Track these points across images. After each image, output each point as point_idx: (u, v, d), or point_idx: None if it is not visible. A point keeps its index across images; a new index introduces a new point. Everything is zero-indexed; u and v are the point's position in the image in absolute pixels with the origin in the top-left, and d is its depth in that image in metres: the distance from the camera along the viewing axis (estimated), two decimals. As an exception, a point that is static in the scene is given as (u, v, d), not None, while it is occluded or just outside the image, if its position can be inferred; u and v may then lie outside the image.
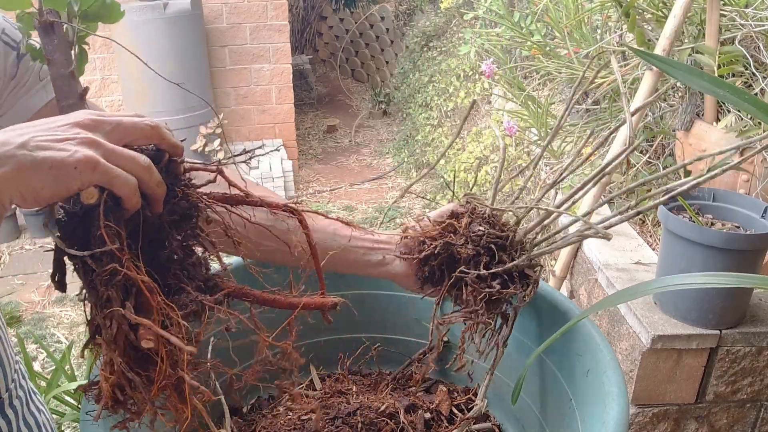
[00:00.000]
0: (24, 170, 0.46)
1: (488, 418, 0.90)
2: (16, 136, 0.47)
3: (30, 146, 0.47)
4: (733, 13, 1.55)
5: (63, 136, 0.48)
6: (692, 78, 0.64)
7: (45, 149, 0.47)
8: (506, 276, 0.75)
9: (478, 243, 0.75)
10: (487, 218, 0.77)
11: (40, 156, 0.46)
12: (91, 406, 0.69)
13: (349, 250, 0.77)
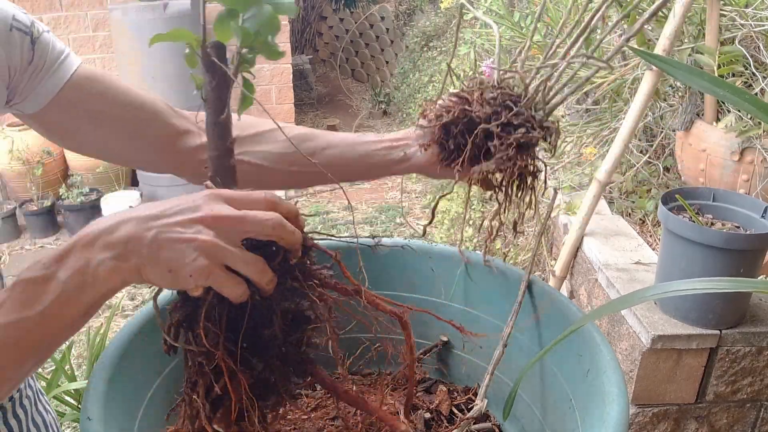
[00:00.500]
0: (146, 266, 0.51)
1: (488, 418, 0.90)
2: (145, 230, 0.52)
3: (156, 244, 0.51)
4: (733, 13, 1.55)
5: (185, 235, 0.51)
6: (692, 78, 0.64)
7: (167, 249, 0.51)
8: (528, 125, 0.76)
9: (494, 103, 0.76)
10: (497, 85, 0.78)
11: (162, 257, 0.51)
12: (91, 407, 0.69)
13: (370, 155, 0.78)
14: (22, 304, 0.50)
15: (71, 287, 0.51)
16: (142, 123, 0.77)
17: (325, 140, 0.78)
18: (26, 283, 0.51)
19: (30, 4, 4.04)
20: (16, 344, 0.50)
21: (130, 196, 3.86)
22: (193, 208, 0.53)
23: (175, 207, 0.54)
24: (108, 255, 0.51)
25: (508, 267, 0.94)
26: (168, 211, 0.54)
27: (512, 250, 2.37)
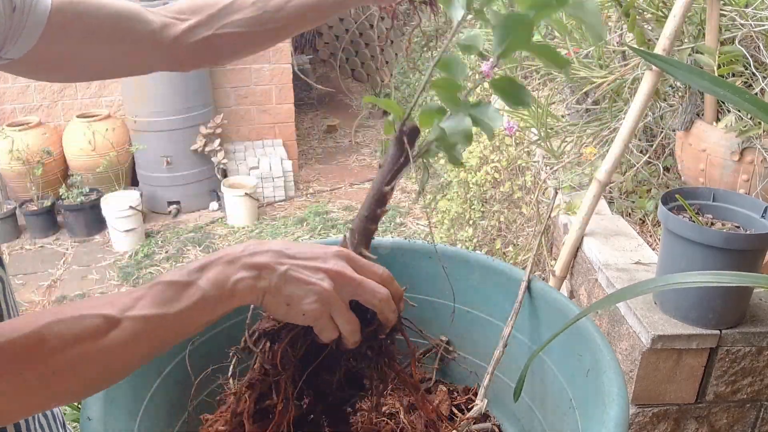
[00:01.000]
0: (270, 294, 0.58)
1: (488, 418, 0.90)
2: (279, 263, 0.58)
3: (284, 278, 0.58)
4: (733, 13, 1.55)
5: (310, 279, 0.58)
6: (693, 77, 0.64)
7: (293, 285, 0.58)
8: None
9: None
10: None
11: (286, 290, 0.58)
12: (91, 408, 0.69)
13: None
14: (163, 302, 0.55)
15: (210, 295, 0.56)
16: (126, 28, 0.81)
17: None
18: (167, 284, 0.56)
19: (30, 4, 4.04)
20: (148, 337, 0.55)
21: (130, 196, 3.86)
22: (323, 259, 0.60)
23: (308, 252, 0.60)
24: (247, 275, 0.57)
25: (508, 267, 0.94)
26: (301, 254, 0.60)
27: (512, 249, 2.38)
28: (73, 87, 4.31)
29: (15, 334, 0.50)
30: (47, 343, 0.50)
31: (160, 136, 4.09)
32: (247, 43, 0.86)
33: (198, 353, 0.82)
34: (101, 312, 0.53)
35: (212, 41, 0.84)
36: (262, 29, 0.84)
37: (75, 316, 0.52)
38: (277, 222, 4.10)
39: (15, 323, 0.51)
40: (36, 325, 0.50)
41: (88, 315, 0.52)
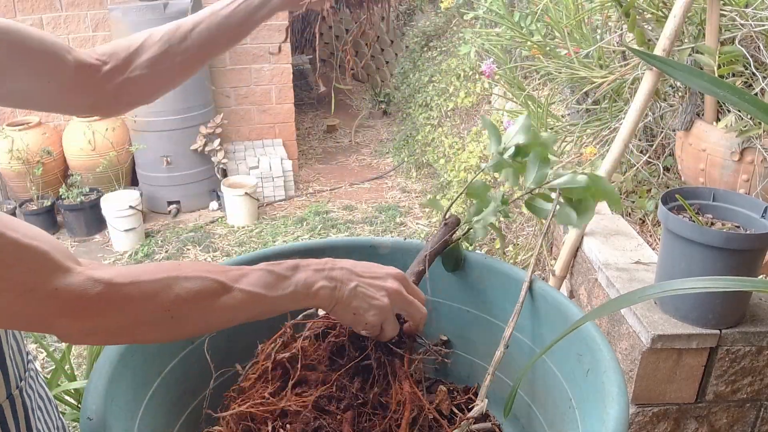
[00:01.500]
0: (340, 304, 0.71)
1: (488, 418, 0.90)
2: (350, 279, 0.71)
3: (353, 293, 0.71)
4: (733, 13, 1.55)
5: (374, 296, 0.72)
6: (692, 78, 0.64)
7: (359, 299, 0.71)
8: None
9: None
10: None
11: (353, 304, 0.71)
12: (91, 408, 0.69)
13: (234, 14, 0.84)
14: (265, 285, 0.66)
15: (300, 292, 0.68)
16: (50, 64, 0.80)
17: (191, 22, 0.84)
18: (270, 272, 0.67)
19: (30, 4, 4.05)
20: (248, 308, 0.66)
21: (130, 196, 3.86)
22: (384, 278, 0.73)
23: (375, 272, 0.73)
24: (328, 284, 0.70)
25: (508, 267, 0.94)
26: (367, 273, 0.73)
27: (512, 249, 2.37)
28: (73, 87, 4.31)
29: (147, 277, 0.60)
30: (173, 291, 0.60)
31: (160, 135, 4.09)
32: (159, 82, 0.86)
33: (198, 353, 0.83)
34: (218, 278, 0.63)
35: (127, 85, 0.83)
36: (171, 64, 0.84)
37: (198, 276, 0.62)
38: (277, 221, 4.10)
39: (146, 268, 0.61)
40: (165, 275, 0.61)
41: (208, 278, 0.63)
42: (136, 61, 0.83)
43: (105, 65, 0.83)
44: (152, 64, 0.83)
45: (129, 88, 0.84)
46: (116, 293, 0.57)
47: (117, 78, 0.83)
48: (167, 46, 0.83)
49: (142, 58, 0.83)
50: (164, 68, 0.84)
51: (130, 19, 3.83)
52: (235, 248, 3.79)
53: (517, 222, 2.49)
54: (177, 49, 0.83)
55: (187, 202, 4.30)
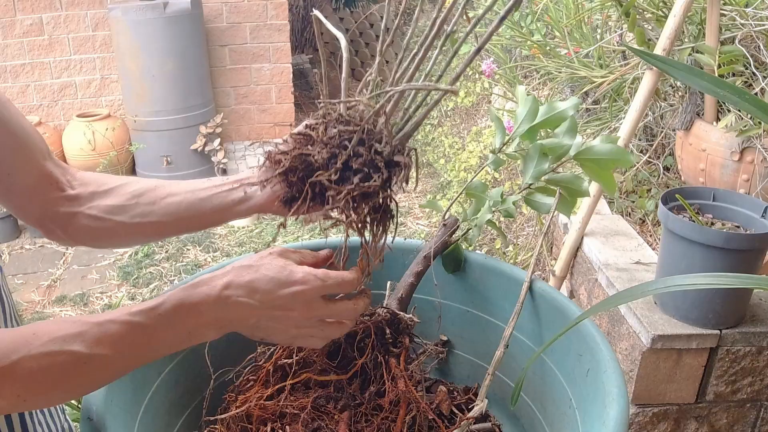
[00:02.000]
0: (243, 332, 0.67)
1: (488, 418, 0.90)
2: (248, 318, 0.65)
3: (256, 328, 0.66)
4: (733, 13, 1.55)
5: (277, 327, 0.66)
6: (693, 78, 0.64)
7: (262, 332, 0.66)
8: (369, 168, 0.69)
9: (332, 144, 0.69)
10: (341, 118, 0.72)
11: (257, 335, 0.66)
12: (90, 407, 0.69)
13: (210, 199, 0.77)
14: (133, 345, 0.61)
15: (183, 343, 0.64)
16: (19, 158, 0.75)
17: (168, 190, 0.78)
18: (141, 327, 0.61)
19: (30, 3, 4.04)
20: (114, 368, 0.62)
21: (130, 196, 3.86)
22: (290, 305, 0.65)
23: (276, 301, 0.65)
24: (216, 333, 0.65)
25: (508, 267, 0.94)
26: (269, 302, 0.64)
27: (512, 249, 2.37)
28: (73, 86, 4.31)
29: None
30: (18, 373, 0.56)
31: (160, 135, 4.09)
32: (108, 233, 0.79)
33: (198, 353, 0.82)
34: (69, 348, 0.58)
35: (79, 219, 0.78)
36: (125, 221, 0.77)
37: (44, 353, 0.57)
38: (277, 222, 4.10)
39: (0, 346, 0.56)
40: (15, 357, 0.56)
41: (57, 352, 0.57)
42: (98, 201, 0.78)
43: (71, 189, 0.78)
44: (110, 211, 0.77)
45: (79, 223, 0.78)
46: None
47: (74, 207, 0.77)
48: (133, 202, 0.77)
49: (104, 201, 0.78)
50: (118, 222, 0.77)
51: (130, 18, 3.83)
52: (235, 248, 3.79)
53: (517, 222, 2.49)
54: (138, 210, 0.77)
55: (187, 202, 4.29)
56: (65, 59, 4.24)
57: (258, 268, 0.64)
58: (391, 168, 0.70)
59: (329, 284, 0.65)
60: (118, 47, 3.99)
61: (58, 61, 4.23)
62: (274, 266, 0.65)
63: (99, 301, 3.19)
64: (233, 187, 0.77)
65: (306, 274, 0.65)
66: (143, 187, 0.79)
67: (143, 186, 0.79)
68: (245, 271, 0.64)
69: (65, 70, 4.26)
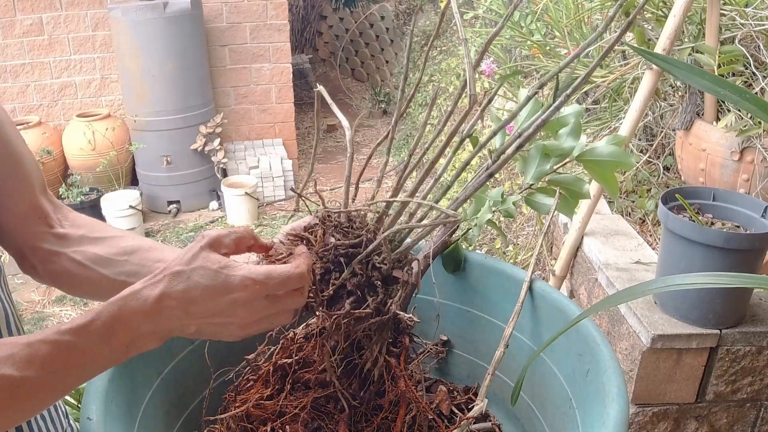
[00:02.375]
0: None
1: (488, 418, 0.90)
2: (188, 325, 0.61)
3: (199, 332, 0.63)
4: (733, 13, 1.55)
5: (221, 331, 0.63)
6: (693, 77, 0.64)
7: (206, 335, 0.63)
8: (364, 289, 0.67)
9: (327, 259, 0.66)
10: (341, 226, 0.69)
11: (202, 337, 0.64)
12: (90, 406, 0.69)
13: None
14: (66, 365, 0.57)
15: (121, 357, 0.60)
16: (12, 185, 0.73)
17: (160, 255, 0.75)
18: (68, 348, 0.57)
19: (30, 3, 4.04)
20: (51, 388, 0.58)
21: (130, 195, 3.86)
22: (230, 308, 0.61)
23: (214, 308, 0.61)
24: (155, 343, 0.61)
25: (508, 267, 0.94)
26: (205, 311, 0.61)
27: (512, 249, 2.37)
28: (73, 86, 4.31)
29: None
30: None
31: (160, 135, 4.09)
32: (85, 277, 0.76)
33: (198, 353, 0.82)
34: (1, 372, 0.54)
35: (59, 260, 0.75)
36: (105, 274, 0.75)
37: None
38: (277, 221, 4.10)
39: None
40: None
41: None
42: (87, 247, 0.75)
43: (60, 228, 0.76)
44: (96, 261, 0.74)
45: (61, 264, 0.76)
46: None
47: (59, 246, 0.75)
48: (122, 258, 0.74)
49: (92, 249, 0.75)
50: (102, 274, 0.75)
51: (130, 18, 3.83)
52: (235, 248, 3.79)
53: (517, 222, 2.48)
54: (126, 268, 0.74)
55: (187, 202, 4.30)
56: (65, 59, 4.24)
57: (190, 275, 0.60)
58: (389, 285, 0.68)
59: (272, 285, 0.61)
60: (118, 47, 3.99)
61: (58, 61, 4.23)
62: (209, 271, 0.60)
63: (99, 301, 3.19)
64: None
65: (243, 278, 0.60)
66: (136, 246, 0.76)
67: (136, 244, 0.76)
68: (177, 279, 0.59)
69: (65, 70, 4.26)
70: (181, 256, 0.61)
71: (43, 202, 0.76)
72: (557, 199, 0.91)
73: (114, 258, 0.74)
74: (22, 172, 0.73)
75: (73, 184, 3.91)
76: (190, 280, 0.59)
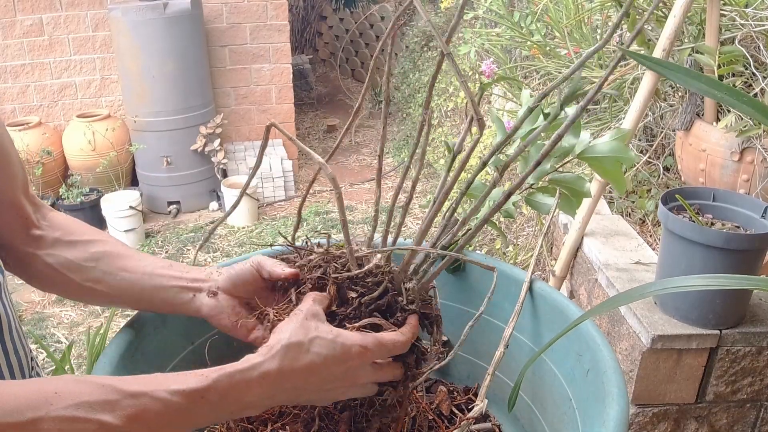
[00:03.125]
0: None
1: (488, 418, 0.90)
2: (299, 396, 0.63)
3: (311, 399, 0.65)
4: (733, 13, 1.55)
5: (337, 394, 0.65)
6: (690, 80, 0.64)
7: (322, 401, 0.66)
8: None
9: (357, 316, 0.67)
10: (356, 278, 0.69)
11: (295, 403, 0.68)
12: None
13: (164, 290, 0.75)
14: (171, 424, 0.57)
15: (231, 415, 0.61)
16: None
17: (127, 264, 0.75)
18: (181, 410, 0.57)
19: (30, 4, 4.04)
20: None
21: (130, 196, 3.86)
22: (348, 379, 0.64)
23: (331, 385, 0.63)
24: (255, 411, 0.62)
25: (508, 267, 0.94)
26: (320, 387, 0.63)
27: (512, 249, 2.37)
28: (73, 87, 4.31)
29: (10, 419, 0.49)
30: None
31: (160, 135, 4.09)
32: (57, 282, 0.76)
33: (198, 353, 0.83)
34: (98, 417, 0.52)
35: (34, 263, 0.75)
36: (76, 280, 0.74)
37: (69, 417, 0.51)
38: (277, 222, 4.10)
39: (14, 401, 0.50)
40: (32, 415, 0.50)
41: (84, 419, 0.52)
42: (59, 251, 0.75)
43: (37, 229, 0.75)
44: (66, 266, 0.74)
45: (36, 267, 0.75)
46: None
47: (34, 249, 0.75)
48: (90, 265, 0.74)
49: (64, 254, 0.75)
50: (71, 279, 0.74)
51: (130, 19, 3.83)
52: (235, 249, 3.79)
53: (517, 222, 2.49)
54: (92, 275, 0.74)
55: (187, 203, 4.30)
56: (65, 59, 4.24)
57: (309, 347, 0.61)
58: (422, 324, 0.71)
59: (380, 352, 0.64)
60: (118, 48, 4.00)
61: (58, 62, 4.23)
62: (325, 341, 0.61)
63: (99, 302, 3.19)
64: (187, 286, 0.74)
65: (360, 347, 0.62)
66: (106, 252, 0.76)
67: (107, 250, 0.76)
68: (297, 352, 0.60)
69: (65, 71, 4.27)
70: (289, 328, 0.62)
71: (24, 203, 0.75)
72: (558, 198, 0.91)
73: (82, 264, 0.74)
74: (7, 170, 0.72)
75: (73, 185, 3.91)
76: (310, 352, 0.61)
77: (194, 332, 0.85)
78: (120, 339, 0.77)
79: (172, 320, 0.84)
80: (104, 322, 2.31)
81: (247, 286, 0.74)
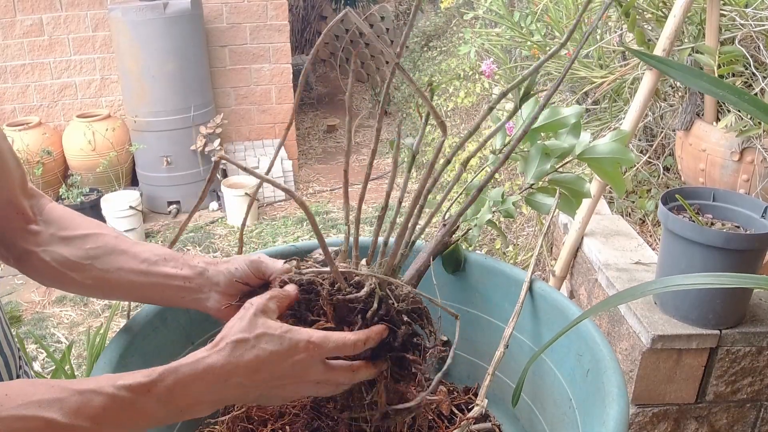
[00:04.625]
0: None
1: (488, 418, 0.90)
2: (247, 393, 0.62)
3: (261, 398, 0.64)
4: (733, 13, 1.55)
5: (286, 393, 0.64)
6: (692, 78, 0.64)
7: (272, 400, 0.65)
8: None
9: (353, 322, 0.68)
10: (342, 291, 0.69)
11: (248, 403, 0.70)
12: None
13: (163, 287, 0.75)
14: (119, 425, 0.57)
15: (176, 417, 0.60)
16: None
17: (120, 264, 0.75)
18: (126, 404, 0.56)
19: (30, 4, 4.04)
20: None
21: (130, 196, 3.86)
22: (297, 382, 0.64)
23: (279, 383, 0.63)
24: (208, 408, 0.61)
25: (508, 267, 0.94)
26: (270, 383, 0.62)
27: (512, 249, 2.37)
28: (73, 87, 4.31)
29: None
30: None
31: (160, 135, 4.09)
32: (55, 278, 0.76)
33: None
34: (44, 415, 0.52)
35: (32, 259, 0.75)
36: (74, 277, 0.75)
37: (16, 417, 0.52)
38: (277, 222, 4.10)
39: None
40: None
41: (31, 417, 0.52)
42: (56, 247, 0.75)
43: (34, 224, 0.75)
44: (65, 264, 0.74)
45: (33, 262, 0.75)
46: None
47: (31, 245, 0.75)
48: (87, 263, 0.74)
49: (61, 251, 0.75)
50: (71, 277, 0.75)
51: (129, 18, 3.83)
52: (235, 249, 3.79)
53: (517, 222, 2.49)
54: (92, 274, 0.74)
55: (187, 202, 4.30)
56: (65, 59, 4.24)
57: (255, 343, 0.60)
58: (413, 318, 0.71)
59: (328, 348, 0.63)
60: (118, 47, 4.00)
61: (58, 62, 4.23)
62: (273, 337, 0.61)
63: (99, 301, 3.19)
64: (184, 285, 0.74)
65: (308, 342, 0.62)
66: (102, 248, 0.75)
67: (103, 246, 0.75)
68: (242, 348, 0.60)
69: (65, 71, 4.27)
70: (236, 325, 0.61)
71: (21, 199, 0.75)
72: (557, 198, 0.91)
73: (80, 263, 0.74)
74: (2, 167, 0.72)
75: (73, 185, 3.91)
76: (255, 347, 0.60)
77: (194, 332, 0.85)
78: (119, 339, 0.77)
79: (171, 320, 0.84)
80: (104, 322, 2.31)
81: (247, 280, 0.74)
